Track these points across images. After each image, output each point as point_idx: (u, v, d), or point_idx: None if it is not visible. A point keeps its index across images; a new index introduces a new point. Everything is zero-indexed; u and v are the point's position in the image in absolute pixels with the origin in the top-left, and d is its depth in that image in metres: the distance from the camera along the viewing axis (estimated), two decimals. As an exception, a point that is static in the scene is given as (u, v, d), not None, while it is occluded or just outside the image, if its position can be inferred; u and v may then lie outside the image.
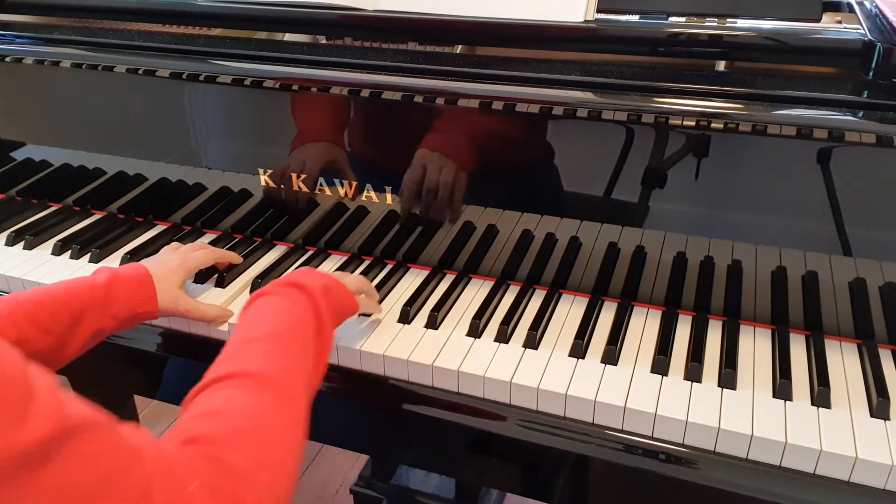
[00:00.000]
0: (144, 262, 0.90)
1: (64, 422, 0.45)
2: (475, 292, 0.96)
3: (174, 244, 1.00)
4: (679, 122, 0.81)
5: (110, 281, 0.82)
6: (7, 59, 1.09)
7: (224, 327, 0.91)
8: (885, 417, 0.75)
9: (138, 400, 1.68)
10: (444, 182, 0.94)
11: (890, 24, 0.86)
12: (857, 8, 0.93)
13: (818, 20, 0.87)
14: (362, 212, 1.01)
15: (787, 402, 0.77)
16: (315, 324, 0.72)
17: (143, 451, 0.49)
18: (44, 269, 1.03)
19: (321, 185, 1.00)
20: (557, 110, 0.85)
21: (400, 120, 0.95)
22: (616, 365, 0.82)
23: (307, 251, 1.06)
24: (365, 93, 0.93)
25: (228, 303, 0.95)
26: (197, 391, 0.61)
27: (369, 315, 0.90)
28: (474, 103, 0.88)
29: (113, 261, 1.05)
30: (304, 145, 0.99)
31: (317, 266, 1.03)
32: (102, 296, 0.80)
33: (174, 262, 0.90)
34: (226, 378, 0.61)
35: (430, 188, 0.94)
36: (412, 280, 0.99)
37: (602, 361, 0.83)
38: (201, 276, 0.99)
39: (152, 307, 0.84)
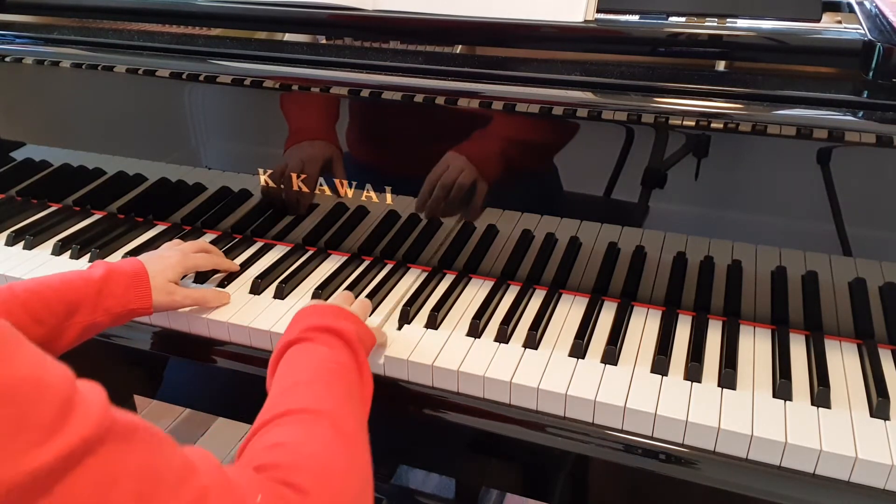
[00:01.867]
0: (142, 256, 0.90)
1: (103, 425, 0.44)
2: (475, 292, 0.96)
3: (175, 241, 1.00)
4: (679, 122, 0.81)
5: (106, 276, 0.82)
6: (7, 59, 1.09)
7: (222, 317, 0.90)
8: (885, 417, 0.75)
9: (138, 400, 1.68)
10: (460, 186, 0.93)
11: (890, 24, 0.86)
12: (857, 8, 0.93)
13: (818, 20, 0.87)
14: (362, 212, 1.01)
15: (787, 402, 0.77)
16: (357, 371, 0.70)
17: (197, 466, 0.48)
18: (44, 269, 1.03)
19: (321, 185, 1.00)
20: (557, 110, 0.85)
21: (400, 120, 0.95)
22: (616, 365, 0.82)
23: (307, 251, 1.06)
24: (365, 93, 0.93)
25: (228, 303, 0.95)
26: (251, 434, 0.60)
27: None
28: (474, 103, 0.88)
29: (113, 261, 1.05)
30: (300, 144, 0.99)
31: (316, 266, 1.03)
32: (97, 290, 0.80)
33: (173, 259, 0.90)
34: (280, 416, 0.60)
35: (444, 195, 0.94)
36: (412, 280, 0.99)
37: (602, 361, 0.83)
38: (202, 276, 0.99)
39: (146, 303, 0.84)
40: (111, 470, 0.44)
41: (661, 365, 0.81)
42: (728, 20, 0.90)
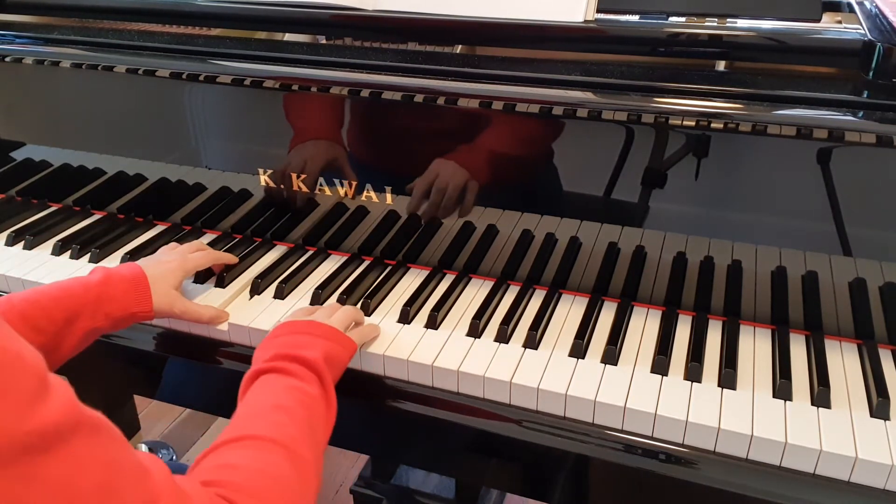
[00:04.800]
0: (141, 261, 0.90)
1: (76, 415, 0.46)
2: (475, 292, 0.96)
3: (172, 244, 1.00)
4: (679, 122, 0.81)
5: (105, 280, 0.81)
6: (7, 59, 1.09)
7: (224, 326, 0.91)
8: (885, 417, 0.75)
9: (138, 400, 1.68)
10: (453, 189, 0.93)
11: (890, 24, 0.86)
12: (857, 8, 0.93)
13: (818, 20, 0.87)
14: (362, 212, 1.01)
15: (787, 402, 0.77)
16: (322, 398, 0.71)
17: (151, 471, 0.50)
18: (44, 269, 1.03)
19: (321, 185, 1.00)
20: (557, 110, 0.85)
21: (400, 120, 0.95)
22: (616, 365, 0.82)
23: (307, 251, 1.06)
24: (365, 93, 0.93)
25: (228, 303, 0.95)
26: (206, 453, 0.61)
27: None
28: (474, 103, 0.88)
29: (113, 261, 1.05)
30: (304, 144, 0.99)
31: (316, 266, 1.03)
32: (97, 295, 0.80)
33: (172, 263, 0.90)
34: (237, 440, 0.62)
35: (440, 195, 0.94)
36: (412, 280, 0.99)
37: (602, 361, 0.83)
38: (201, 276, 0.99)
39: (147, 307, 0.84)
40: (78, 461, 0.45)
41: (661, 365, 0.81)
42: (728, 20, 0.90)
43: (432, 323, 0.89)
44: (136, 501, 0.48)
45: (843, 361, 0.83)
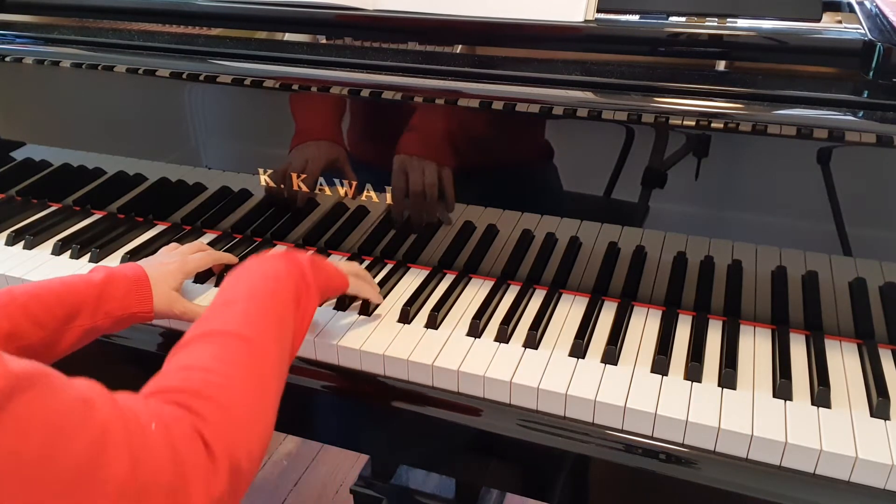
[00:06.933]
0: (142, 262, 0.90)
1: (9, 381, 0.44)
2: (475, 292, 0.96)
3: (172, 244, 1.00)
4: (679, 122, 0.81)
5: (106, 279, 0.81)
6: (7, 59, 1.09)
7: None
8: (885, 417, 0.75)
9: (138, 400, 1.68)
10: (442, 184, 0.94)
11: (890, 23, 0.86)
12: (857, 8, 0.93)
13: (818, 20, 0.87)
14: (362, 212, 1.01)
15: (787, 402, 0.77)
16: (296, 289, 0.72)
17: (95, 403, 0.49)
18: (44, 268, 1.03)
19: (321, 185, 1.00)
20: (557, 110, 0.85)
21: (400, 120, 0.95)
22: (616, 365, 0.82)
23: (307, 251, 1.06)
24: (365, 93, 0.93)
25: (228, 303, 0.95)
26: (174, 350, 0.63)
27: (368, 309, 0.91)
28: (474, 103, 0.88)
29: (113, 261, 1.05)
30: (305, 144, 0.99)
31: (317, 266, 1.03)
32: (98, 293, 0.80)
33: (172, 265, 0.90)
34: (200, 337, 0.63)
35: (422, 191, 0.94)
36: (412, 280, 0.99)
37: (602, 361, 0.83)
38: (201, 277, 0.99)
39: (147, 308, 0.84)
40: (18, 426, 0.44)
41: (661, 365, 0.81)
42: (728, 20, 0.90)
43: (432, 323, 0.89)
44: (86, 440, 0.46)
45: (843, 361, 0.83)
